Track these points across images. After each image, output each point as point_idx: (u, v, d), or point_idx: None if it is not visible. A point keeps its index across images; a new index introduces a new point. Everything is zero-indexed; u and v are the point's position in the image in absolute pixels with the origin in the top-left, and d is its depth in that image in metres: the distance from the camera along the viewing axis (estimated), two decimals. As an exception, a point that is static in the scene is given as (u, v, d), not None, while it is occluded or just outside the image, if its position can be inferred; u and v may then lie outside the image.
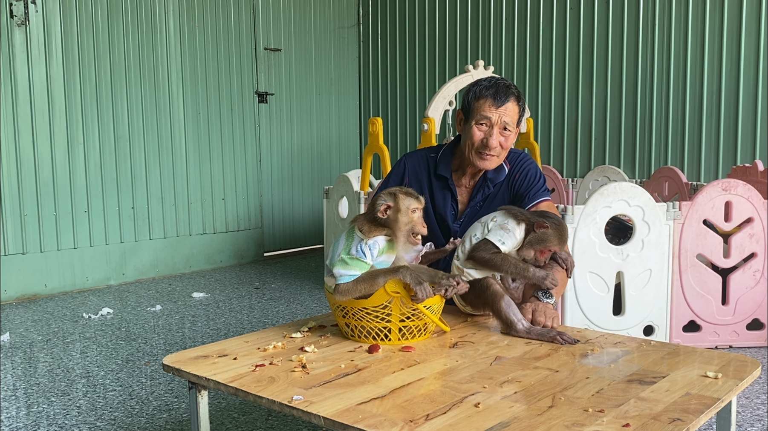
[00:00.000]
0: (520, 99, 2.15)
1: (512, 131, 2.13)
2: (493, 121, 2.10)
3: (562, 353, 1.67)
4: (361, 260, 1.72)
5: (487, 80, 2.16)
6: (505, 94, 2.10)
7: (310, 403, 1.35)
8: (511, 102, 2.11)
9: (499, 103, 2.09)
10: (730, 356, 1.64)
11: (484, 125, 2.12)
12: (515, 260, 1.83)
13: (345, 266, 1.73)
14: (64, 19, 4.30)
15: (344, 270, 1.72)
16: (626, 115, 4.70)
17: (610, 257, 3.00)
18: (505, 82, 2.14)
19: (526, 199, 2.18)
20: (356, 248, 1.73)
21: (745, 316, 3.09)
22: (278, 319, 3.67)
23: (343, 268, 1.72)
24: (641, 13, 4.56)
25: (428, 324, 1.77)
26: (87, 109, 4.43)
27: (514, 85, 2.17)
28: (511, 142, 2.16)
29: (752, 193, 3.03)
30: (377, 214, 1.74)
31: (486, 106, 2.11)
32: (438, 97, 3.75)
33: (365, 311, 1.72)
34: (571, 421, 1.26)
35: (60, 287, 4.37)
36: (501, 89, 2.11)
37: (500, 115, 2.10)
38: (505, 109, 2.10)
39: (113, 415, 2.39)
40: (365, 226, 1.76)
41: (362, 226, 1.76)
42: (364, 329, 1.74)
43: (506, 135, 2.12)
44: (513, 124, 2.12)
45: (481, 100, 2.13)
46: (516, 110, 2.13)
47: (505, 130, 2.11)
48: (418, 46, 5.87)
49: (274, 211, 5.62)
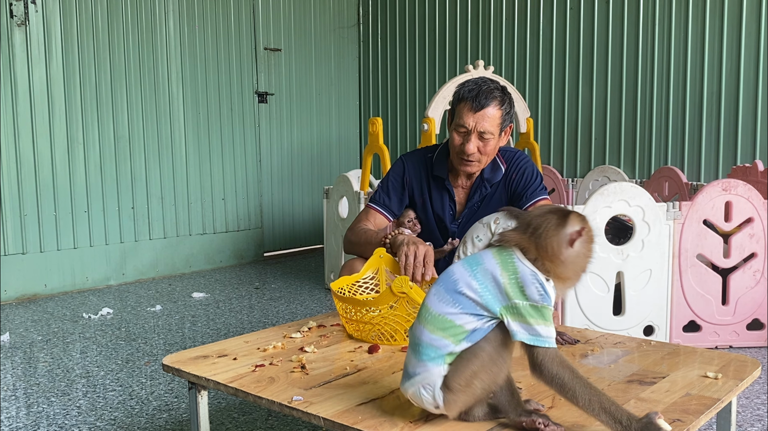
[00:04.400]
0: (504, 102, 2.10)
1: (491, 137, 2.09)
2: (469, 128, 2.08)
3: (563, 353, 1.67)
4: (549, 308, 1.18)
5: (474, 82, 2.12)
6: (486, 98, 2.06)
7: (309, 404, 1.35)
8: (492, 107, 2.07)
9: (476, 109, 2.06)
10: (730, 356, 1.64)
11: (462, 131, 2.11)
12: None
13: (545, 322, 1.17)
14: (64, 19, 4.30)
15: (547, 328, 1.17)
16: (626, 115, 4.70)
17: (610, 257, 3.00)
18: (489, 86, 2.09)
19: (524, 198, 2.18)
20: (539, 288, 1.17)
21: (745, 316, 3.09)
22: (278, 319, 3.67)
23: (546, 325, 1.17)
24: (641, 13, 4.56)
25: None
26: (87, 109, 4.43)
27: (501, 87, 2.11)
28: (492, 147, 2.12)
29: (752, 193, 3.02)
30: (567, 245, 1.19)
31: (464, 110, 2.08)
32: (438, 97, 3.75)
33: (371, 310, 1.71)
34: (571, 422, 1.26)
35: (60, 287, 4.37)
36: (482, 93, 2.06)
37: (476, 121, 2.06)
38: (483, 115, 2.06)
39: (113, 415, 2.38)
40: (537, 255, 1.20)
41: (531, 254, 1.20)
42: (372, 330, 1.74)
43: (485, 141, 2.09)
44: (492, 131, 2.08)
45: (461, 103, 2.10)
46: (497, 115, 2.08)
47: (482, 137, 2.09)
48: (418, 46, 5.87)
49: (274, 211, 5.62)
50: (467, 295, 1.18)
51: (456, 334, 1.17)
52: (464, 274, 1.20)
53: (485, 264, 1.20)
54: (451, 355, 1.18)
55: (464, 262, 1.23)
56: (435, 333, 1.17)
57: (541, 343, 1.16)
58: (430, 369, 1.18)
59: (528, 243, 1.20)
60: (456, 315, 1.17)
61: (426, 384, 1.19)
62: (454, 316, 1.17)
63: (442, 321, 1.17)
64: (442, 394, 1.19)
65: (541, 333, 1.16)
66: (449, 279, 1.21)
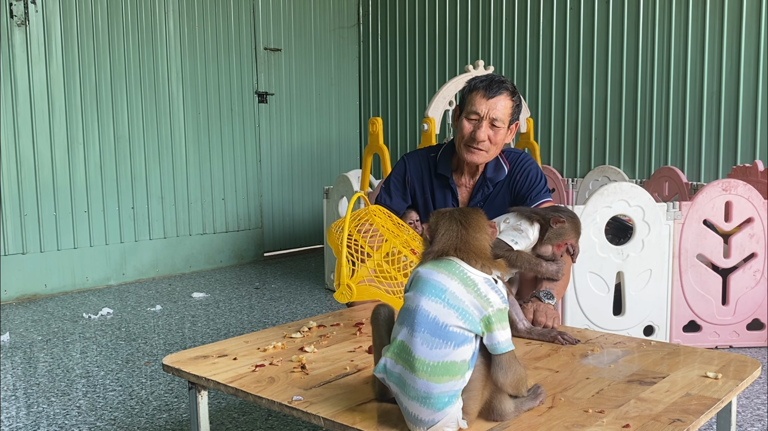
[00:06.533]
0: (515, 94, 2.16)
1: (502, 126, 2.14)
2: (482, 114, 2.12)
3: (563, 353, 1.67)
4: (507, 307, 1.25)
5: (485, 75, 2.19)
6: (498, 87, 2.11)
7: (309, 404, 1.35)
8: (503, 96, 2.12)
9: (489, 95, 2.10)
10: (730, 356, 1.64)
11: (474, 119, 2.13)
12: (528, 256, 1.84)
13: (506, 325, 1.22)
14: (64, 19, 4.30)
15: (508, 331, 1.23)
16: (626, 115, 4.69)
17: (610, 257, 3.00)
18: (500, 78, 2.15)
19: (528, 200, 2.19)
20: (498, 291, 1.22)
21: (745, 316, 3.09)
22: (278, 319, 3.67)
23: (507, 328, 1.22)
24: (641, 13, 4.56)
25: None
26: (87, 109, 4.43)
27: (510, 81, 2.18)
28: (501, 137, 2.16)
29: (752, 193, 3.02)
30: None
31: (477, 98, 2.13)
32: (438, 97, 3.75)
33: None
34: (571, 422, 1.26)
35: (60, 287, 4.37)
36: (495, 83, 2.12)
37: (489, 108, 2.11)
38: (495, 103, 2.11)
39: (113, 415, 2.38)
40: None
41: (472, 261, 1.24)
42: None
43: (495, 130, 2.13)
44: (503, 120, 2.13)
45: (474, 92, 2.15)
46: (508, 105, 2.13)
47: (494, 125, 2.12)
48: (418, 46, 5.87)
49: (274, 211, 5.62)
50: (454, 327, 1.17)
51: (460, 371, 1.17)
52: (439, 308, 1.17)
53: (450, 288, 1.19)
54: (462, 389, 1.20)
55: (429, 294, 1.19)
56: (442, 381, 1.16)
57: (507, 348, 1.21)
58: (448, 412, 1.18)
59: (465, 249, 1.23)
60: (452, 353, 1.16)
61: (448, 423, 1.19)
62: (451, 356, 1.16)
63: (443, 368, 1.16)
64: (465, 421, 1.21)
65: (507, 339, 1.21)
66: (428, 321, 1.17)
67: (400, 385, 1.20)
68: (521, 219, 1.86)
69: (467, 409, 1.20)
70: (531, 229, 1.83)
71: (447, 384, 1.16)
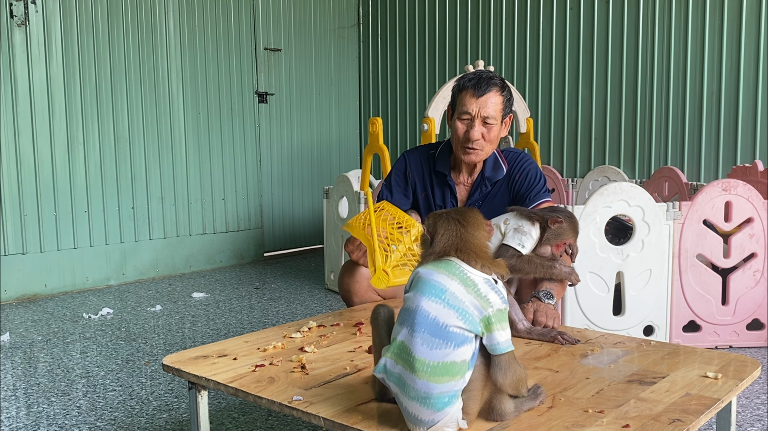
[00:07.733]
0: (504, 88, 2.16)
1: (495, 123, 2.14)
2: (473, 114, 2.12)
3: (562, 353, 1.67)
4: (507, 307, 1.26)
5: (472, 73, 2.18)
6: (487, 84, 2.11)
7: (309, 404, 1.35)
8: (493, 93, 2.12)
9: (479, 94, 2.11)
10: (730, 356, 1.64)
11: (466, 119, 2.14)
12: (539, 260, 1.83)
13: (506, 325, 1.23)
14: (64, 19, 4.30)
15: (508, 331, 1.23)
16: (626, 115, 4.69)
17: (610, 257, 3.00)
18: (489, 74, 2.15)
19: (527, 200, 2.19)
20: (498, 291, 1.22)
21: (745, 316, 3.09)
22: (278, 319, 3.67)
23: (507, 329, 1.23)
24: (641, 13, 4.56)
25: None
26: (87, 109, 4.43)
27: (498, 76, 2.18)
28: (495, 134, 2.16)
29: (752, 193, 3.02)
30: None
31: (467, 97, 2.13)
32: (438, 97, 3.75)
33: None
34: (571, 422, 1.26)
35: (60, 287, 4.37)
36: (483, 81, 2.12)
37: (480, 106, 2.11)
38: (486, 101, 2.11)
39: (113, 415, 2.39)
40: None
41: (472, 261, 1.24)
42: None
43: (488, 127, 2.13)
44: (495, 116, 2.13)
45: (463, 91, 2.15)
46: (499, 101, 2.13)
47: (486, 123, 2.12)
48: (418, 46, 5.87)
49: (274, 211, 5.62)
50: (454, 328, 1.17)
51: (460, 371, 1.18)
52: (439, 308, 1.18)
53: (450, 289, 1.19)
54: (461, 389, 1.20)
55: (429, 295, 1.19)
56: (441, 382, 1.16)
57: (507, 349, 1.22)
58: (448, 412, 1.18)
59: (465, 249, 1.23)
60: (452, 353, 1.16)
61: (448, 423, 1.19)
62: (451, 356, 1.16)
63: (443, 368, 1.16)
64: (465, 421, 1.21)
65: (506, 339, 1.21)
66: (428, 321, 1.17)
67: (400, 385, 1.20)
68: (521, 219, 1.86)
69: (467, 409, 1.20)
70: (533, 229, 1.84)
71: (447, 384, 1.16)
